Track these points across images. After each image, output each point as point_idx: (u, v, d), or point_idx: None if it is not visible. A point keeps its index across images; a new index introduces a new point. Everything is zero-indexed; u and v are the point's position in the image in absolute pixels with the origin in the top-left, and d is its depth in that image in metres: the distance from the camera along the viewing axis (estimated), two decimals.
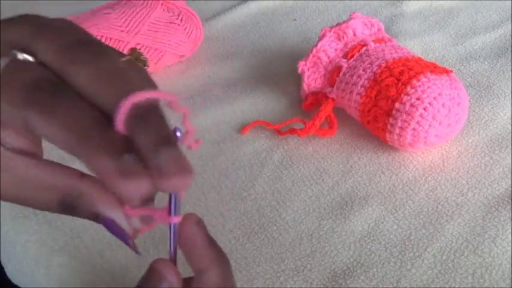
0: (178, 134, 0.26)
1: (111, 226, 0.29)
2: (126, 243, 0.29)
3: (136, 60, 0.31)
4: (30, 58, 0.26)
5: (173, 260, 0.30)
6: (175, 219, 0.29)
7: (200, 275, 0.30)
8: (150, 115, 0.25)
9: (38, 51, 0.26)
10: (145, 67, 0.33)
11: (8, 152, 0.28)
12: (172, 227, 0.29)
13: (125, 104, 0.24)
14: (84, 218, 0.29)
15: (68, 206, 0.29)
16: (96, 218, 0.29)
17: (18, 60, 0.26)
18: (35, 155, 0.29)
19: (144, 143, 0.24)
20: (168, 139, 0.24)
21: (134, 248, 0.30)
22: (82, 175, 0.29)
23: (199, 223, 0.30)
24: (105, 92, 0.25)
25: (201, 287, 0.30)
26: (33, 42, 0.27)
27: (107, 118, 0.25)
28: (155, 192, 0.26)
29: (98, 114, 0.25)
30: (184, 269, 0.31)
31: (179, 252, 0.30)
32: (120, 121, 0.24)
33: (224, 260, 0.30)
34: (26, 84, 0.25)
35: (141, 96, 0.24)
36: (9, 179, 0.28)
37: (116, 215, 0.29)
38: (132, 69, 0.27)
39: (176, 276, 0.29)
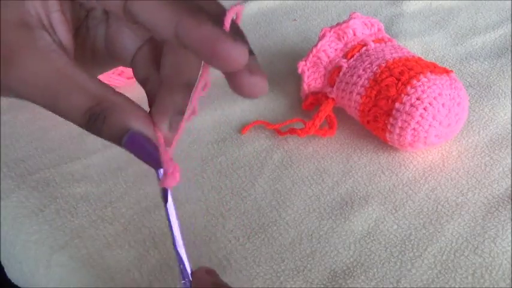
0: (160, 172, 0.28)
1: (140, 142, 0.27)
2: (156, 160, 0.28)
3: None
4: None
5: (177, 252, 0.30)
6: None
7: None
8: (238, 29, 0.27)
9: None
10: None
11: (54, 43, 0.27)
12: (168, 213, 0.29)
13: (229, 12, 0.26)
14: (108, 135, 0.27)
15: (96, 117, 0.27)
16: (123, 134, 0.27)
17: None
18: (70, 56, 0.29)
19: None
20: (251, 51, 0.27)
21: (161, 166, 0.29)
22: (115, 91, 0.28)
23: (211, 272, 0.31)
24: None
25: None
26: None
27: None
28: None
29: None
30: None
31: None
32: (228, 21, 0.25)
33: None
34: None
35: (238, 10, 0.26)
36: (46, 71, 0.27)
37: (148, 131, 0.28)
38: None
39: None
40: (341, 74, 0.56)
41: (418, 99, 0.51)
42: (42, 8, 0.27)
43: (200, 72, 0.28)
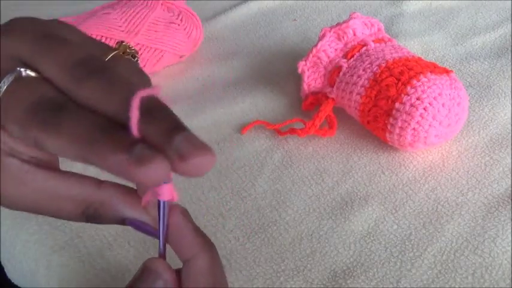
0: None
1: (139, 226, 0.30)
2: (155, 236, 0.30)
3: (124, 53, 0.32)
4: (32, 74, 0.27)
5: (163, 257, 0.30)
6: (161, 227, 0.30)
7: (189, 263, 0.30)
8: (155, 108, 0.25)
9: (42, 67, 0.27)
10: (135, 58, 0.34)
11: (25, 165, 0.28)
12: (161, 227, 0.29)
13: (132, 107, 0.24)
14: (111, 223, 0.30)
15: (93, 216, 0.29)
16: (123, 221, 0.29)
17: (21, 77, 0.27)
18: (51, 164, 0.29)
19: (157, 133, 0.24)
20: (180, 125, 0.25)
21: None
22: (100, 182, 0.29)
23: (185, 213, 0.31)
24: (112, 102, 0.25)
25: (192, 275, 0.29)
26: (35, 58, 0.27)
27: (121, 126, 0.25)
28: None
29: (104, 120, 0.25)
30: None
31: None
32: (134, 124, 0.24)
33: (212, 246, 0.30)
34: (28, 104, 0.26)
35: (144, 94, 0.24)
36: (28, 192, 0.28)
37: (141, 214, 0.29)
38: (121, 66, 0.28)
39: (170, 272, 0.30)
40: (341, 74, 0.56)
41: (418, 99, 0.51)
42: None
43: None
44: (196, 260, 0.29)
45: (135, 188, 0.30)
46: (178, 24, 0.67)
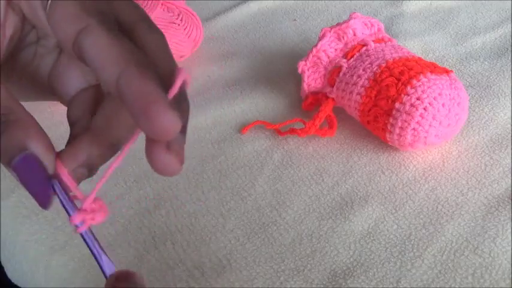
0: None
1: (33, 167, 0.25)
2: (42, 193, 0.26)
3: None
4: None
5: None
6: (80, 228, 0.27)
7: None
8: (183, 99, 0.26)
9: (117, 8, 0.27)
10: None
11: None
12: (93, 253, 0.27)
13: (179, 76, 0.24)
14: (4, 151, 0.25)
15: None
16: (16, 153, 0.24)
17: None
18: None
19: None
20: (185, 128, 0.25)
21: (48, 193, 0.27)
22: (27, 112, 0.26)
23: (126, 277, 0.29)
24: (166, 60, 0.26)
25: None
26: None
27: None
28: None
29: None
30: None
31: None
32: (175, 88, 0.24)
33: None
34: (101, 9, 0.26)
35: (186, 76, 0.24)
36: None
37: (46, 158, 0.25)
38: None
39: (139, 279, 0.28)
40: (341, 74, 0.56)
41: (418, 99, 0.51)
42: None
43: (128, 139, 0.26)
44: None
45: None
46: (178, 24, 0.67)
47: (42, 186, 0.26)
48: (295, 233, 0.48)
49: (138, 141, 0.27)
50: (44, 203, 0.26)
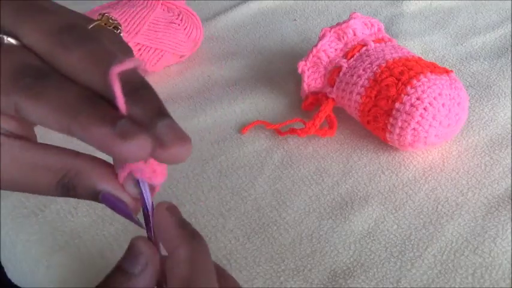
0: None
1: (112, 200, 0.28)
2: (129, 216, 0.29)
3: (105, 25, 0.32)
4: (13, 41, 0.26)
5: (150, 238, 0.30)
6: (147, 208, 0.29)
7: (170, 254, 0.29)
8: (141, 86, 0.25)
9: (24, 34, 0.26)
10: (118, 30, 0.34)
11: (2, 137, 0.28)
12: (145, 206, 0.29)
13: (113, 80, 0.24)
14: (85, 197, 0.28)
15: (67, 187, 0.28)
16: (97, 195, 0.28)
17: (3, 44, 0.26)
18: (28, 139, 0.29)
19: (142, 114, 0.24)
20: (163, 110, 0.25)
21: (137, 222, 0.30)
22: (77, 154, 0.29)
23: (171, 208, 0.30)
24: (97, 73, 0.25)
25: (170, 266, 0.29)
26: (17, 24, 0.26)
27: (106, 100, 0.25)
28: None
29: (89, 91, 0.25)
30: None
31: None
32: (120, 99, 0.24)
33: (194, 237, 0.29)
34: (11, 70, 0.25)
35: (122, 67, 0.24)
36: (5, 164, 0.28)
37: (116, 188, 0.28)
38: (105, 36, 0.28)
39: (152, 251, 0.29)
40: (341, 74, 0.56)
41: (418, 99, 0.51)
42: None
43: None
44: (176, 251, 0.29)
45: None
46: (178, 24, 0.67)
47: (124, 210, 0.29)
48: (295, 233, 0.48)
49: None
50: (131, 219, 0.29)
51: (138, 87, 0.25)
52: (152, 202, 0.29)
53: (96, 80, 0.25)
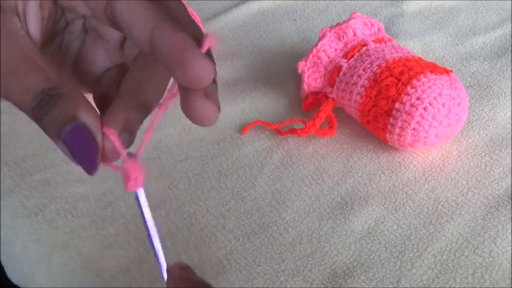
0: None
1: (84, 135, 0.26)
2: (94, 159, 0.26)
3: None
4: None
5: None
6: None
7: None
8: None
9: None
10: None
11: (24, 31, 0.28)
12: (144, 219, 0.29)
13: (207, 40, 0.25)
14: (51, 122, 0.26)
15: (47, 100, 0.26)
16: (66, 123, 0.25)
17: None
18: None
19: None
20: (215, 80, 0.27)
21: (95, 165, 0.27)
22: (75, 86, 0.28)
23: (185, 268, 0.30)
24: (193, 23, 0.27)
25: None
26: None
27: None
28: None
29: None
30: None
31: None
32: (204, 49, 0.25)
33: None
34: None
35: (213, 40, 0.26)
36: (11, 49, 0.27)
37: (95, 126, 0.26)
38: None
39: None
40: (341, 74, 0.56)
41: (418, 99, 0.51)
42: None
43: (165, 94, 0.28)
44: None
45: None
46: None
47: (90, 154, 0.26)
48: (295, 233, 0.48)
49: (136, 143, 0.27)
50: (92, 170, 0.27)
51: (210, 56, 0.26)
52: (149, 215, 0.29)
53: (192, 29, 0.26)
